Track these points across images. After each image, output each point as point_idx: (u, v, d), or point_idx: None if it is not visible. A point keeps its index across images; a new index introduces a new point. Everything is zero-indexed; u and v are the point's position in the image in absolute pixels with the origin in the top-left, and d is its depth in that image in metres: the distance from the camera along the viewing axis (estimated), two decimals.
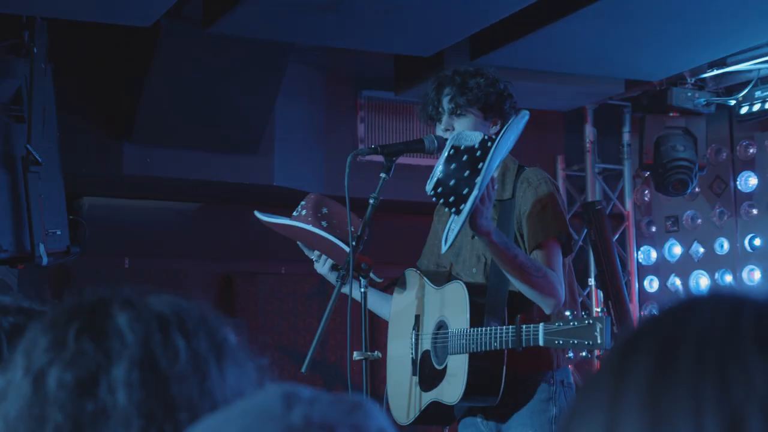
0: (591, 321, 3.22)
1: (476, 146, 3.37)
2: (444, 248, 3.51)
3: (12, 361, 1.18)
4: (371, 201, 3.62)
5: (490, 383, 3.55)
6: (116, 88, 6.55)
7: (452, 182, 3.37)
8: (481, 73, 3.83)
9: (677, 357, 0.85)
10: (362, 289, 3.64)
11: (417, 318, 3.88)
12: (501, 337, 3.43)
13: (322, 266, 3.98)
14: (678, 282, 8.17)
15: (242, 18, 5.75)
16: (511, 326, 3.41)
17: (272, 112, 6.93)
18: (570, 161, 8.24)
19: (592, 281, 7.91)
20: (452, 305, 3.69)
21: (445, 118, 3.77)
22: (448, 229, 3.53)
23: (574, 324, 3.25)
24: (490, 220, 3.41)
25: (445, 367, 3.68)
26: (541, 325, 3.32)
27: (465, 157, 3.36)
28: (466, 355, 3.56)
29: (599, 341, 3.20)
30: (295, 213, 3.96)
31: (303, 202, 3.97)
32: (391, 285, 4.13)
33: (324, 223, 3.85)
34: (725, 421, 0.81)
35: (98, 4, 5.48)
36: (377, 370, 4.21)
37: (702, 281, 8.01)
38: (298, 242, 4.08)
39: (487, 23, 6.11)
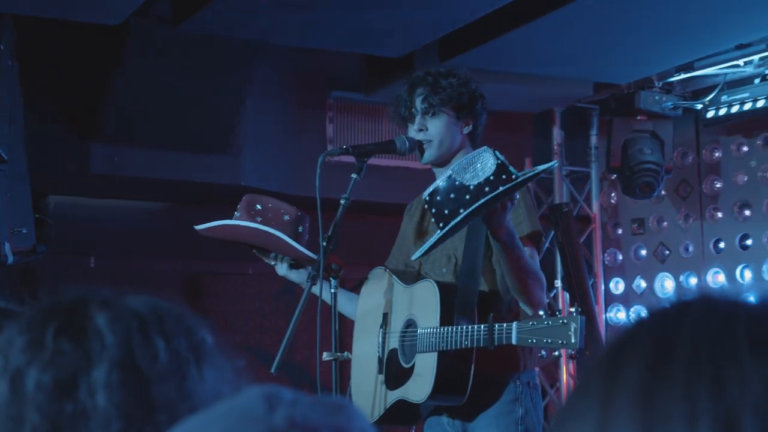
0: (565, 320, 3.23)
1: (491, 175, 3.33)
2: (415, 255, 3.51)
3: None
4: (342, 202, 3.62)
5: (458, 382, 3.56)
6: (84, 87, 6.49)
7: (448, 197, 3.35)
8: (453, 73, 3.84)
9: (671, 358, 0.86)
10: (332, 290, 3.64)
11: (385, 316, 3.88)
12: (473, 336, 3.43)
13: (281, 267, 4.01)
14: (643, 284, 8.21)
15: (212, 17, 5.73)
16: (483, 325, 3.42)
17: (241, 112, 6.91)
18: (537, 163, 8.24)
19: (558, 283, 7.94)
20: (422, 304, 3.69)
21: (418, 118, 3.78)
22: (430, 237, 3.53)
23: (548, 323, 3.25)
24: (505, 220, 3.41)
25: (413, 365, 3.68)
26: (514, 324, 3.33)
27: (473, 180, 3.34)
28: (435, 354, 3.56)
29: (573, 341, 3.21)
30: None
31: (239, 206, 3.99)
32: (359, 285, 4.13)
33: (258, 219, 3.86)
34: (720, 422, 0.81)
35: (67, 1, 5.44)
36: (344, 371, 4.20)
37: (667, 284, 8.07)
38: (254, 250, 4.10)
39: (457, 25, 6.13)
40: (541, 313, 3.33)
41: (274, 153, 7.28)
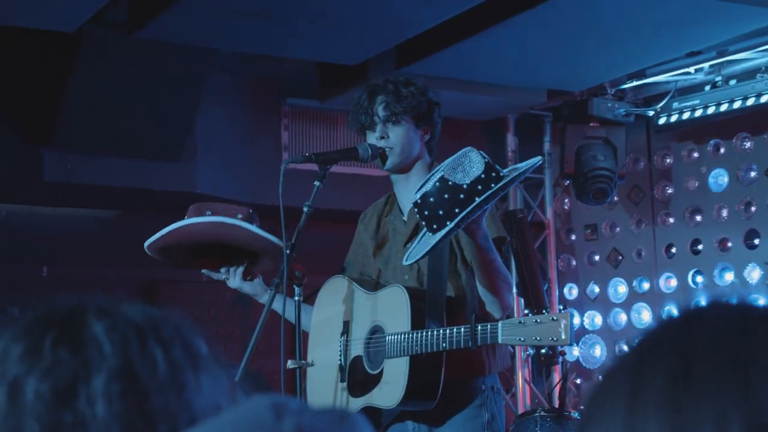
0: (555, 318, 3.25)
1: (481, 173, 3.35)
2: (410, 260, 3.49)
3: None
4: (305, 209, 3.61)
5: (429, 387, 3.56)
6: (37, 94, 6.44)
7: (442, 198, 3.34)
8: (412, 82, 3.87)
9: (695, 362, 0.87)
10: (296, 298, 3.63)
11: (346, 324, 3.87)
12: (452, 338, 3.43)
13: (234, 280, 3.98)
14: (597, 289, 8.29)
15: (168, 24, 5.70)
16: (464, 326, 3.42)
17: (196, 119, 6.88)
18: None
19: (513, 288, 7.97)
20: (390, 309, 3.69)
21: (379, 125, 3.79)
22: (418, 243, 3.52)
23: (537, 320, 3.26)
24: (483, 222, 3.42)
25: (381, 371, 3.67)
26: (499, 323, 3.34)
27: (465, 179, 3.35)
28: (407, 359, 3.56)
29: (563, 337, 3.22)
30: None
31: (186, 215, 3.96)
32: (312, 295, 4.12)
33: (209, 212, 3.85)
34: (749, 422, 0.82)
35: (21, 8, 5.39)
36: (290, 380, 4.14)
37: (620, 289, 8.15)
38: (203, 270, 4.07)
39: (413, 33, 6.15)
40: (527, 311, 3.34)
41: (229, 160, 7.26)
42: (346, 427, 0.94)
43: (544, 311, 3.28)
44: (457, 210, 3.29)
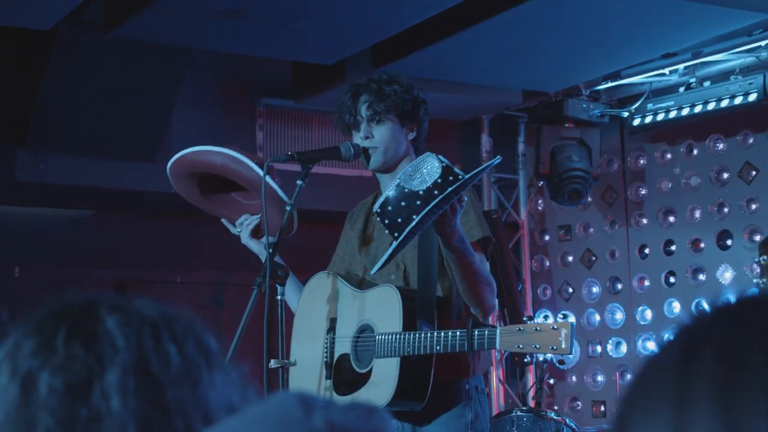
0: (555, 327, 3.26)
1: (438, 177, 3.35)
2: (374, 270, 3.50)
3: None
4: (287, 208, 3.60)
5: (419, 388, 3.56)
6: (10, 92, 6.38)
7: (399, 205, 3.35)
8: (396, 80, 3.86)
9: (745, 353, 0.85)
10: (279, 297, 3.61)
11: (332, 321, 3.85)
12: (447, 341, 3.42)
13: (244, 234, 3.96)
14: (570, 290, 8.32)
15: (143, 23, 5.67)
16: (459, 330, 3.42)
17: (170, 119, 6.84)
18: (466, 170, 8.31)
19: (495, 291, 7.98)
20: (380, 309, 3.67)
21: (363, 125, 3.78)
22: (383, 251, 3.53)
23: (537, 329, 3.27)
24: (456, 225, 3.42)
25: (369, 370, 3.66)
26: (498, 329, 3.34)
27: (421, 185, 3.35)
28: (397, 359, 3.55)
29: (564, 346, 3.23)
30: None
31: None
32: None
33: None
34: None
35: None
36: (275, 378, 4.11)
37: (594, 289, 8.18)
38: (222, 220, 4.05)
39: (389, 33, 6.15)
40: (525, 319, 3.35)
41: None
42: (375, 421, 0.94)
43: (544, 319, 3.29)
44: (414, 216, 3.30)
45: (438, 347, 3.45)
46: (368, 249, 3.93)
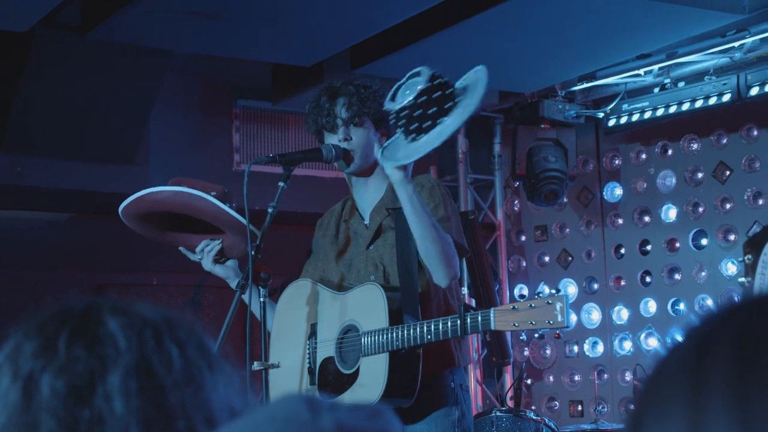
0: (550, 301, 3.24)
1: (451, 89, 3.41)
2: (391, 163, 3.47)
3: None
4: (270, 210, 3.60)
5: (408, 384, 3.56)
6: None
7: (418, 112, 3.38)
8: (370, 85, 3.87)
9: (760, 355, 0.85)
10: (261, 299, 3.61)
11: (312, 326, 3.85)
12: (439, 329, 3.42)
13: (206, 260, 3.90)
14: (547, 290, 8.31)
15: (121, 25, 5.66)
16: (450, 317, 3.42)
17: (148, 121, 6.83)
18: (443, 172, 8.36)
19: (465, 290, 8.02)
20: (364, 307, 3.67)
21: (342, 127, 3.78)
22: (391, 148, 3.52)
23: (531, 305, 3.25)
24: (409, 168, 3.45)
25: (357, 370, 3.66)
26: (492, 309, 3.34)
27: (437, 95, 3.38)
28: (385, 356, 3.55)
29: (560, 319, 3.20)
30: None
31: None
32: (274, 292, 4.08)
33: (183, 186, 3.82)
34: None
35: None
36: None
37: (570, 289, 8.22)
38: (180, 248, 4.01)
39: (368, 35, 6.16)
40: (518, 298, 3.35)
41: (181, 162, 7.21)
42: (381, 421, 0.95)
43: (536, 295, 3.28)
44: (440, 113, 3.36)
45: (429, 336, 3.44)
46: (344, 256, 3.93)
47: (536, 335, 6.97)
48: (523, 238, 8.58)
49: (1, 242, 7.21)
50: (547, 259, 8.42)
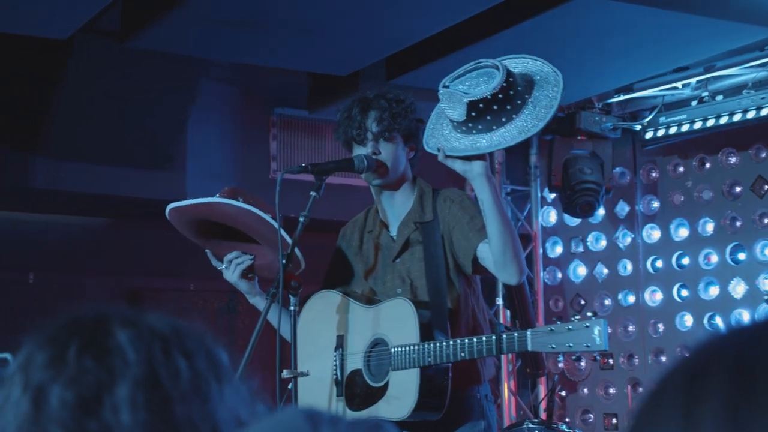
0: (588, 324, 3.25)
1: (521, 92, 3.44)
2: (456, 151, 3.48)
3: (7, 377, 1.15)
4: (301, 219, 3.61)
5: (438, 398, 3.58)
6: (27, 100, 6.43)
7: (492, 108, 3.40)
8: (402, 99, 3.87)
9: (755, 379, 0.85)
10: (292, 308, 3.63)
11: (340, 338, 3.86)
12: (473, 347, 3.43)
13: (231, 274, 3.89)
14: (582, 302, 8.32)
15: (160, 33, 5.71)
16: (485, 336, 3.44)
17: (185, 128, 6.88)
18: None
19: (500, 300, 8.00)
20: (394, 322, 3.68)
21: (371, 141, 3.79)
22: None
23: (569, 328, 3.27)
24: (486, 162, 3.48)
25: (386, 384, 3.67)
26: (528, 331, 3.35)
27: (510, 93, 3.39)
28: (416, 370, 3.56)
29: (598, 342, 3.22)
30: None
31: (217, 194, 3.91)
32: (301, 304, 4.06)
33: (240, 198, 3.81)
34: None
35: (13, 15, 5.39)
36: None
37: (606, 302, 8.18)
38: (206, 251, 4.01)
39: (403, 45, 6.17)
40: (555, 319, 3.35)
41: (217, 169, 7.26)
42: None
43: (576, 317, 3.29)
44: (511, 112, 3.39)
45: (463, 354, 3.45)
46: (367, 267, 3.93)
47: (573, 358, 6.95)
48: (559, 249, 8.55)
49: (39, 246, 7.29)
50: (582, 271, 8.38)
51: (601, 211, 8.03)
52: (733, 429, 0.83)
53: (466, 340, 3.47)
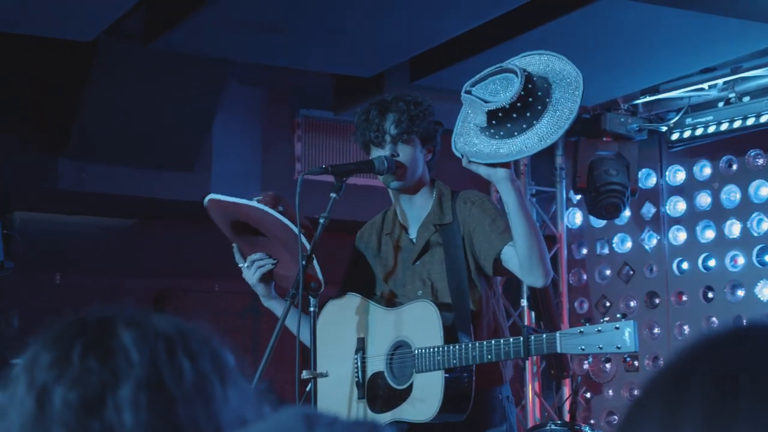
0: (618, 326, 3.25)
1: (541, 96, 3.44)
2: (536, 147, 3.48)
3: (13, 377, 1.16)
4: (321, 221, 3.61)
5: (462, 399, 3.58)
6: (53, 102, 6.47)
7: (512, 115, 3.41)
8: (420, 101, 3.86)
9: (735, 383, 0.86)
10: (311, 308, 3.63)
11: (360, 340, 3.86)
12: (500, 349, 3.43)
13: (252, 275, 3.86)
14: (608, 304, 8.29)
15: (184, 35, 5.74)
16: (512, 338, 3.44)
17: (210, 129, 6.91)
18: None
19: (524, 302, 7.99)
20: (417, 324, 3.68)
21: (389, 144, 3.79)
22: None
23: (598, 330, 3.27)
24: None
25: (410, 386, 3.67)
26: (557, 333, 3.35)
27: (530, 100, 3.40)
28: (441, 372, 3.56)
29: (629, 344, 3.22)
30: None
31: (259, 197, 3.91)
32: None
33: (281, 208, 3.79)
34: None
35: (39, 18, 5.43)
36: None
37: (631, 303, 8.15)
38: (233, 245, 4.00)
39: (427, 46, 6.17)
40: (583, 321, 3.35)
41: (242, 170, 7.28)
42: None
43: (602, 320, 3.29)
44: (532, 118, 3.39)
45: (489, 356, 3.45)
46: (386, 269, 3.93)
47: (603, 359, 6.95)
48: (585, 251, 8.52)
49: (65, 247, 7.33)
50: (608, 272, 8.35)
51: (626, 213, 7.99)
52: (709, 428, 0.85)
53: (493, 342, 3.47)
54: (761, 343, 0.89)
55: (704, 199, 7.75)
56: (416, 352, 3.64)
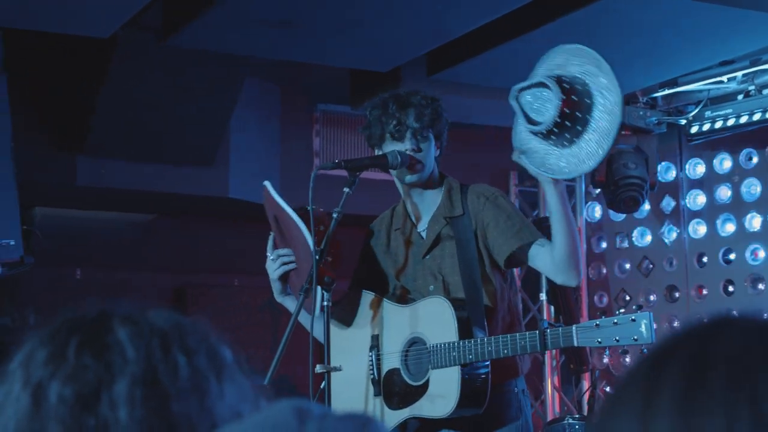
0: (634, 317, 3.27)
1: (579, 118, 3.52)
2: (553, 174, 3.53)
3: (9, 373, 1.17)
4: (334, 215, 3.62)
5: (479, 393, 3.59)
6: (71, 99, 6.51)
7: (550, 138, 3.49)
8: (436, 97, 3.89)
9: (709, 371, 0.90)
10: (325, 303, 3.64)
11: (375, 338, 3.86)
12: (516, 344, 3.45)
13: (274, 269, 3.87)
14: (627, 298, 8.26)
15: (201, 31, 5.75)
16: (528, 332, 3.46)
17: (228, 125, 6.92)
18: (523, 177, 8.32)
19: (543, 296, 7.98)
20: (431, 320, 3.68)
21: (410, 138, 3.79)
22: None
23: (614, 322, 3.30)
24: None
25: (426, 381, 3.67)
26: (573, 327, 3.38)
27: (567, 124, 3.46)
28: (457, 368, 3.57)
29: (646, 335, 3.24)
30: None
31: (313, 206, 3.91)
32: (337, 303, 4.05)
33: (321, 227, 3.79)
34: (755, 429, 0.85)
35: (56, 14, 5.45)
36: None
37: (651, 297, 8.12)
38: (271, 233, 4.00)
39: (444, 40, 6.16)
40: (600, 314, 3.37)
41: (261, 165, 7.30)
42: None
43: (621, 311, 3.31)
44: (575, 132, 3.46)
45: (506, 351, 3.47)
46: (397, 264, 3.93)
47: (620, 351, 6.95)
48: (604, 245, 8.50)
49: (85, 243, 7.38)
50: (627, 266, 8.32)
51: (646, 207, 7.97)
52: (686, 418, 0.89)
53: (509, 337, 3.48)
54: (736, 332, 0.92)
55: (724, 192, 7.71)
56: (431, 348, 3.64)
